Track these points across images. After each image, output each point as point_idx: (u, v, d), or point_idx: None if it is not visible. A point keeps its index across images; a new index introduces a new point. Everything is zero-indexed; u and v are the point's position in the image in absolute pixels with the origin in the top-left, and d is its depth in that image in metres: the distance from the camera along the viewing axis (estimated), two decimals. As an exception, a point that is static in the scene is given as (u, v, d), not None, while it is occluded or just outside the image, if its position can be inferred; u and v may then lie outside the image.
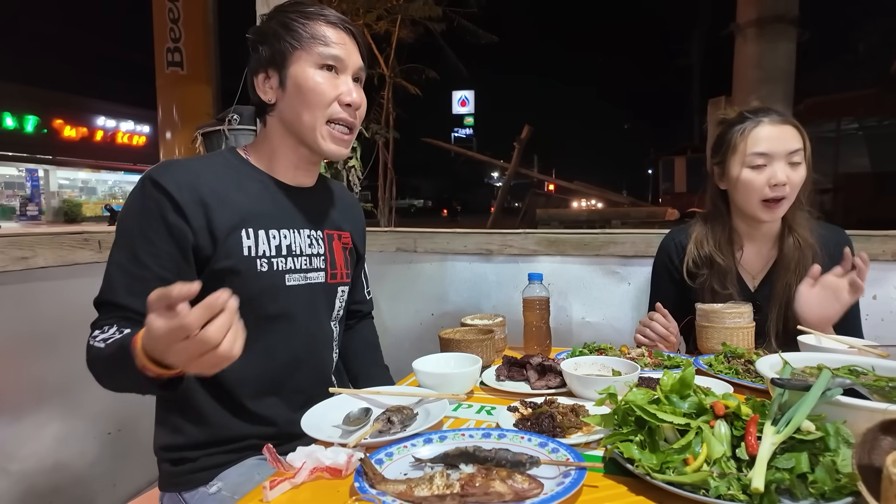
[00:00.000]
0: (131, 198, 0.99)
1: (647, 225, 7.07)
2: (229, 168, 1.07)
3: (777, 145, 1.30)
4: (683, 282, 1.45)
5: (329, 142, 1.07)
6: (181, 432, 1.04)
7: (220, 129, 2.17)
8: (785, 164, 1.31)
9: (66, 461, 1.57)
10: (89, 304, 0.96)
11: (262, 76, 1.06)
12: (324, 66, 1.04)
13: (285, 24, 1.04)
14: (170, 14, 6.42)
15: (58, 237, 1.53)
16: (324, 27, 1.05)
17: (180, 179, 0.97)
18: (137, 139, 25.52)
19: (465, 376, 1.06)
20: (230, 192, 1.02)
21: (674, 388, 0.76)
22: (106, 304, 0.94)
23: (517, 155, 8.55)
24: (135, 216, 0.97)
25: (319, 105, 1.04)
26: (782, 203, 1.32)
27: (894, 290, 1.75)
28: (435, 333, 1.33)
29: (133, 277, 0.94)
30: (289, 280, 1.07)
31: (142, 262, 0.94)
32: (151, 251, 0.94)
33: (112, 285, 0.94)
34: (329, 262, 1.16)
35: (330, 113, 1.05)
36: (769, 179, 1.30)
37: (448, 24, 6.56)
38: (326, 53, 1.03)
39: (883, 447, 0.61)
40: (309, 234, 1.12)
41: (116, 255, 0.96)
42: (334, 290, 1.18)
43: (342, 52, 1.05)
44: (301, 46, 1.03)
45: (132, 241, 0.95)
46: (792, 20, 7.12)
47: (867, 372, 0.89)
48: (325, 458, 0.73)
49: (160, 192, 0.96)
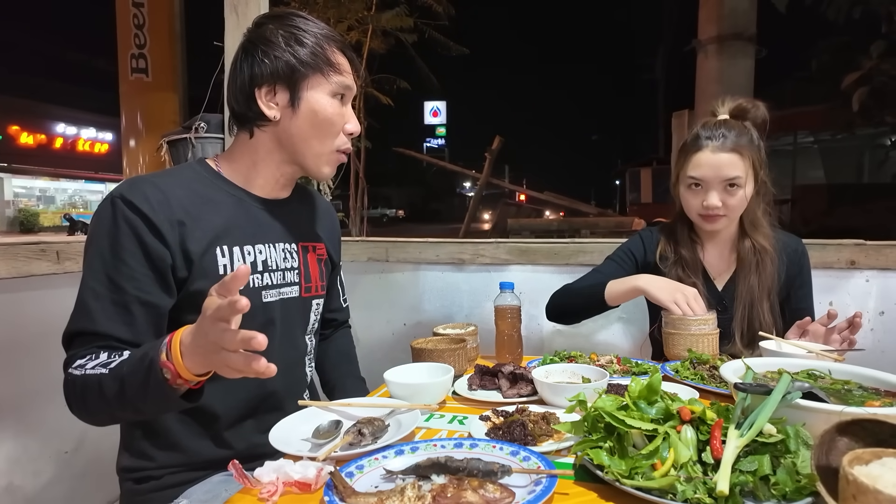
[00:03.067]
0: (101, 218, 0.92)
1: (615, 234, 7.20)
2: (199, 182, 1.02)
3: (711, 173, 1.37)
4: (647, 269, 1.51)
5: (328, 168, 1.06)
6: (148, 457, 1.00)
7: (187, 137, 2.13)
8: (720, 190, 1.38)
9: (19, 483, 1.50)
10: (46, 317, 0.92)
11: (266, 89, 1.00)
12: (336, 94, 1.03)
13: (300, 41, 0.99)
14: (134, 20, 6.28)
15: (12, 248, 1.47)
16: (337, 53, 1.03)
17: (152, 199, 0.92)
18: (99, 147, 24.74)
19: (437, 386, 1.05)
20: (202, 209, 0.98)
21: (642, 395, 0.77)
22: (83, 333, 0.89)
23: (488, 165, 8.64)
24: (106, 238, 0.91)
25: (331, 135, 1.03)
26: (719, 220, 1.40)
27: (849, 297, 1.83)
28: (407, 343, 1.32)
29: (112, 303, 0.89)
30: (265, 296, 1.04)
31: (119, 286, 0.89)
32: (128, 273, 0.90)
33: (89, 313, 0.89)
34: (303, 276, 1.13)
35: (340, 143, 1.05)
36: (702, 201, 1.39)
37: (420, 36, 6.60)
38: (342, 83, 1.02)
39: (839, 448, 0.63)
40: (284, 247, 1.10)
41: (90, 280, 0.90)
42: (309, 304, 1.16)
43: (351, 83, 1.04)
44: (321, 72, 1.00)
45: (106, 265, 0.90)
46: (750, 37, 7.43)
47: (824, 375, 0.92)
48: (293, 473, 0.72)
49: (134, 213, 0.91)
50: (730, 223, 1.43)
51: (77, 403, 0.86)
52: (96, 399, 0.83)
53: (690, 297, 1.29)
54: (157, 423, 0.99)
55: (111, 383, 0.81)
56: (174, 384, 0.76)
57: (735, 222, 1.45)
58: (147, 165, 5.85)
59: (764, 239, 1.43)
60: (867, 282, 1.82)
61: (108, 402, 0.82)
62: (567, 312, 1.55)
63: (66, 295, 1.49)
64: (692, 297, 1.29)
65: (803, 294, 1.50)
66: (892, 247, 1.78)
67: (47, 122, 22.86)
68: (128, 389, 0.80)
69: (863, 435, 0.64)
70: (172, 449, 1.00)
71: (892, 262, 1.78)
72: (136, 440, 1.01)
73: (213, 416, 1.01)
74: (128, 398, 0.81)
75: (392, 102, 6.51)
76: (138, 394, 0.79)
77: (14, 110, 21.15)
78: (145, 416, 0.91)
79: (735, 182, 1.36)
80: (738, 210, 1.40)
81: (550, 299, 1.56)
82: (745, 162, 1.37)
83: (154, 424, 1.00)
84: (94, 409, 0.86)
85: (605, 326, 2.06)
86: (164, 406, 0.83)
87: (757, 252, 1.43)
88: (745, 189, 1.37)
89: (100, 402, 0.83)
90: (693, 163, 1.40)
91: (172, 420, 1.00)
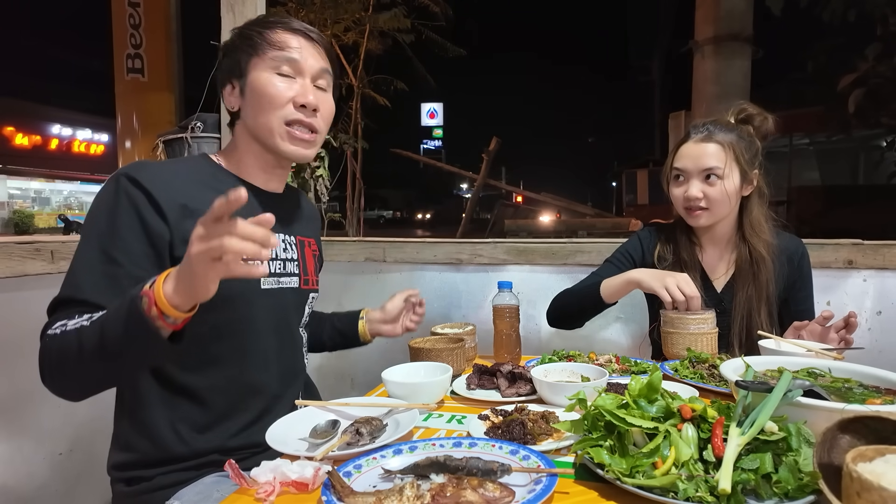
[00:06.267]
0: (103, 193, 0.95)
1: (611, 235, 7.21)
2: (203, 172, 1.06)
3: (690, 163, 1.39)
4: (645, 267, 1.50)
5: (287, 142, 1.06)
6: (135, 449, 0.99)
7: (183, 136, 2.11)
8: (699, 180, 1.39)
9: (12, 484, 1.48)
10: (40, 317, 0.90)
11: (228, 87, 1.09)
12: (280, 70, 1.04)
13: (245, 35, 1.07)
14: (130, 20, 6.26)
15: (6, 247, 1.46)
16: (282, 34, 1.06)
17: (157, 178, 0.95)
18: (95, 148, 24.62)
19: (436, 385, 1.04)
20: (205, 195, 0.99)
21: (642, 393, 0.77)
22: (70, 301, 0.88)
23: (485, 166, 8.62)
24: (107, 212, 0.92)
25: (274, 107, 1.04)
26: (703, 213, 1.40)
27: (846, 296, 1.83)
28: (405, 343, 1.32)
29: (103, 275, 0.89)
30: (264, 283, 1.06)
31: (113, 259, 0.90)
32: (124, 248, 0.90)
33: (78, 283, 0.88)
34: (302, 268, 1.16)
35: (285, 114, 1.05)
36: (684, 193, 1.40)
37: (417, 37, 6.59)
38: (281, 57, 1.04)
39: (842, 445, 0.63)
40: (283, 238, 1.13)
41: (85, 251, 0.91)
42: (306, 297, 1.18)
43: (298, 56, 1.05)
44: (257, 53, 1.05)
45: (103, 238, 0.91)
46: (747, 38, 7.44)
47: (824, 374, 0.92)
48: (291, 473, 0.71)
49: (138, 189, 0.93)
50: (713, 218, 1.41)
51: (51, 367, 0.84)
52: (74, 356, 0.81)
53: (681, 281, 1.29)
54: (145, 414, 0.98)
55: (91, 333, 0.79)
56: (150, 316, 0.74)
57: (726, 221, 1.44)
58: (145, 165, 5.81)
59: (763, 246, 1.42)
60: (864, 281, 1.82)
61: (85, 358, 0.80)
62: (567, 315, 1.55)
63: (61, 295, 1.48)
64: (682, 281, 1.29)
65: (804, 296, 1.49)
66: (890, 247, 1.78)
67: (42, 123, 22.74)
68: (107, 333, 0.78)
69: (865, 432, 0.63)
70: (159, 440, 0.98)
71: (889, 262, 1.78)
72: (125, 434, 1.00)
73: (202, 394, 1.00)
74: (107, 345, 0.78)
75: (389, 103, 6.50)
76: (117, 336, 0.77)
77: (9, 111, 21.04)
78: (126, 370, 0.86)
79: (714, 172, 1.37)
80: (720, 204, 1.39)
81: (550, 304, 1.56)
82: (727, 154, 1.37)
83: (141, 414, 0.98)
84: (70, 370, 0.83)
85: (604, 326, 2.06)
86: (144, 348, 0.78)
87: (754, 262, 1.42)
88: (727, 182, 1.37)
89: (78, 358, 0.81)
90: (677, 155, 1.43)
91: (161, 408, 0.98)
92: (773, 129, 1.47)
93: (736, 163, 1.37)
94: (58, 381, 0.86)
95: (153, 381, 0.99)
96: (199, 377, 1.00)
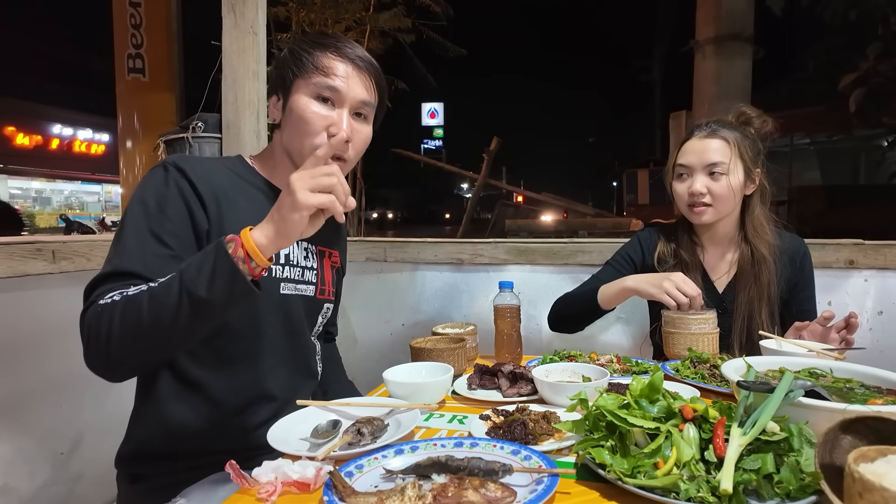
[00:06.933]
0: (152, 177, 0.98)
1: (612, 235, 7.20)
2: (237, 172, 1.10)
3: (695, 158, 1.40)
4: (646, 271, 1.50)
5: None
6: (144, 442, 1.00)
7: (184, 136, 2.12)
8: (704, 176, 1.39)
9: (14, 484, 1.48)
10: (41, 318, 0.91)
11: (273, 98, 1.12)
12: (320, 96, 1.04)
13: (296, 54, 1.07)
14: (131, 19, 6.25)
15: (8, 247, 1.46)
16: (332, 59, 1.05)
17: (200, 172, 0.99)
18: (96, 148, 24.64)
19: (437, 385, 1.05)
20: (238, 195, 1.05)
21: (643, 393, 0.77)
22: (116, 274, 0.87)
23: (486, 166, 8.61)
24: (157, 197, 0.95)
25: (307, 134, 1.04)
26: (707, 209, 1.40)
27: (847, 297, 1.83)
28: (406, 343, 1.32)
29: (154, 254, 0.90)
30: (283, 288, 1.08)
31: (163, 241, 0.92)
32: (173, 231, 0.94)
33: (129, 256, 0.89)
34: (319, 278, 1.18)
35: (317, 142, 1.04)
36: (688, 189, 1.40)
37: (417, 37, 6.59)
38: (324, 84, 1.04)
39: (843, 446, 0.63)
40: (306, 246, 1.15)
41: (134, 231, 0.92)
42: (320, 306, 1.20)
43: (342, 85, 1.04)
44: (301, 75, 1.05)
45: (152, 220, 0.93)
46: (747, 38, 7.43)
47: (826, 374, 0.92)
48: (292, 473, 0.71)
49: (185, 179, 0.97)
50: (716, 215, 1.41)
51: (109, 335, 0.81)
52: (137, 317, 0.80)
53: (679, 281, 1.28)
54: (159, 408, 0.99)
55: (164, 287, 0.81)
56: (236, 256, 0.79)
57: (728, 220, 1.44)
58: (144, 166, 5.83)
59: (765, 247, 1.42)
60: (866, 281, 1.82)
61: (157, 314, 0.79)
62: (566, 320, 1.56)
63: (62, 295, 1.48)
64: (681, 282, 1.28)
65: (806, 296, 1.49)
66: (891, 247, 1.78)
67: (43, 123, 22.76)
68: (186, 277, 0.79)
69: (867, 433, 0.63)
70: (169, 434, 1.00)
71: (890, 262, 1.78)
72: (138, 426, 1.02)
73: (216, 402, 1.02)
74: (186, 291, 0.78)
75: (390, 103, 6.50)
76: (202, 280, 0.78)
77: (10, 111, 21.05)
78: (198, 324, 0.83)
79: (718, 167, 1.37)
80: (723, 200, 1.39)
81: (550, 310, 1.57)
82: (731, 150, 1.38)
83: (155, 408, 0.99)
84: (129, 333, 0.81)
85: (605, 327, 2.06)
86: (227, 291, 0.79)
87: (756, 263, 1.42)
88: (731, 178, 1.37)
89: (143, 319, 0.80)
90: (681, 151, 1.44)
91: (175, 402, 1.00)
92: (774, 131, 1.48)
93: (740, 159, 1.38)
94: (117, 349, 0.82)
95: (170, 375, 1.01)
96: (213, 376, 1.02)
